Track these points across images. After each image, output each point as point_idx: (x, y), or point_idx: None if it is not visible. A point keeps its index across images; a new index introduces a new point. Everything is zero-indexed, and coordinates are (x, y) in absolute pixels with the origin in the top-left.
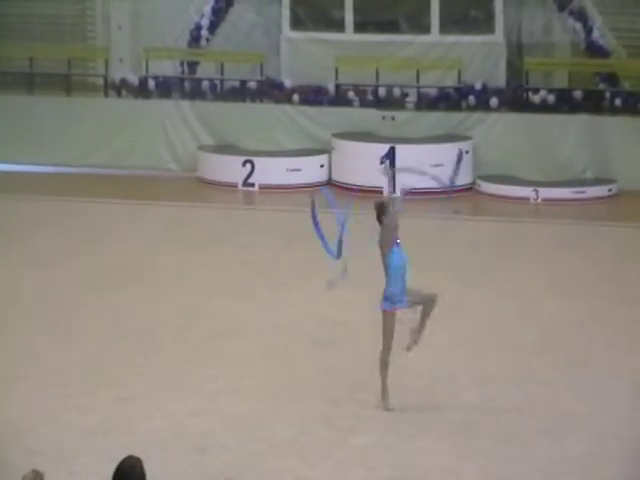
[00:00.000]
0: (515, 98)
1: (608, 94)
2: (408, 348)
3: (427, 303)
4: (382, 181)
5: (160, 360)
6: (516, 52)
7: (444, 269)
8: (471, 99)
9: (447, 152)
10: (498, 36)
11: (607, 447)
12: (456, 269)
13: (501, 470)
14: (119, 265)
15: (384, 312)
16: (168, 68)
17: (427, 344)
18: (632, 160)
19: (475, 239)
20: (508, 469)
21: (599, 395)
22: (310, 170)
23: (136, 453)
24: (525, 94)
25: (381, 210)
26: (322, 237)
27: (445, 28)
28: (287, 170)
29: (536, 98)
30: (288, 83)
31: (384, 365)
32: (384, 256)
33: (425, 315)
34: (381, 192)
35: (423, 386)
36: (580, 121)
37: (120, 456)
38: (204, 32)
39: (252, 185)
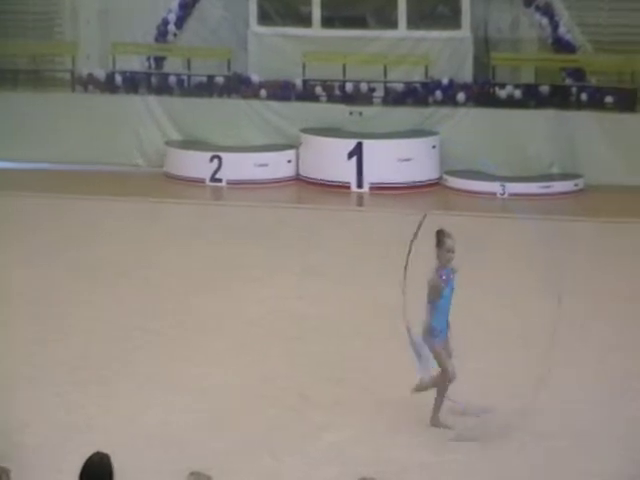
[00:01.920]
0: (482, 93)
1: (575, 89)
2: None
3: (442, 374)
4: (349, 176)
5: (134, 356)
6: (483, 47)
7: (415, 264)
8: (438, 94)
9: (415, 147)
10: (465, 31)
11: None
12: (426, 265)
13: (478, 466)
14: (89, 262)
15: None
16: (135, 63)
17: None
18: (598, 155)
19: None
20: (486, 465)
21: (561, 385)
22: (278, 165)
23: (114, 449)
24: (492, 89)
25: (437, 241)
26: None
27: (412, 23)
28: (255, 165)
29: (503, 93)
30: (255, 78)
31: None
32: (433, 295)
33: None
34: (348, 187)
35: (398, 381)
36: (547, 116)
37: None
38: (171, 27)
39: (220, 181)
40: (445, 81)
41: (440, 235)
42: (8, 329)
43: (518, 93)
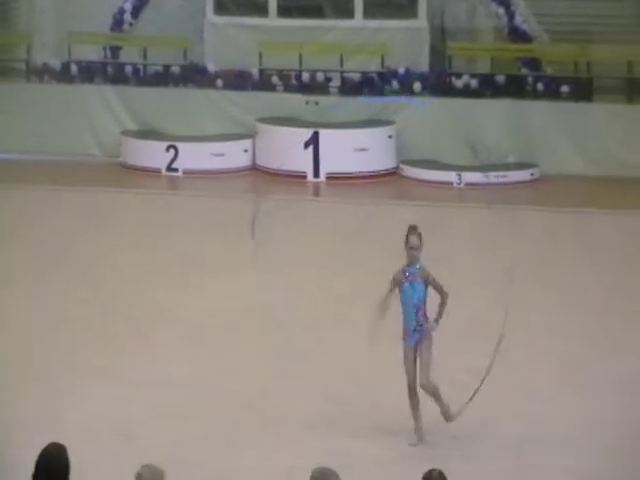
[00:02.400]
0: (438, 83)
1: (531, 79)
2: (449, 418)
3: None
4: (306, 166)
5: (87, 347)
6: (439, 37)
7: (373, 253)
8: (395, 84)
9: (371, 137)
10: (422, 21)
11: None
12: (384, 254)
13: (429, 454)
14: (43, 252)
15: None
16: (91, 53)
17: (349, 331)
18: (554, 144)
19: (399, 224)
20: (436, 452)
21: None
22: (234, 155)
23: (63, 441)
24: (448, 79)
25: (407, 233)
26: None
27: (369, 13)
28: (211, 155)
29: (459, 83)
30: (212, 68)
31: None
32: (391, 287)
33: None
34: (305, 177)
35: (354, 372)
36: (503, 106)
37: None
38: (127, 16)
39: (176, 170)
40: (401, 71)
41: (407, 231)
42: None
43: (474, 83)
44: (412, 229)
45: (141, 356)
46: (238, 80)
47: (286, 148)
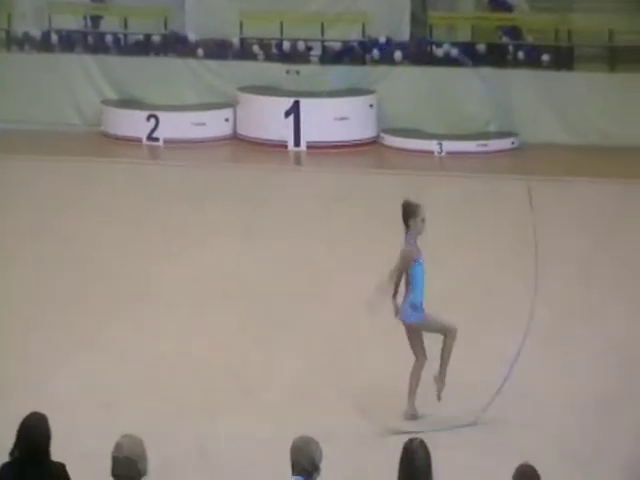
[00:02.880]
0: (419, 52)
1: (511, 47)
2: (438, 397)
3: (447, 334)
4: (286, 135)
5: (68, 318)
6: (420, 6)
7: (353, 222)
8: (375, 53)
9: (352, 106)
10: None
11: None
12: (365, 222)
13: (404, 424)
14: (23, 222)
15: (409, 324)
16: (71, 22)
17: (331, 301)
18: (534, 113)
19: (380, 193)
20: (409, 424)
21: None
22: (215, 124)
23: (44, 411)
24: (429, 48)
25: (409, 212)
26: None
27: None
28: (192, 124)
29: (440, 52)
30: (192, 37)
31: (416, 379)
32: (406, 264)
33: (446, 352)
34: (286, 146)
35: (334, 342)
36: (483, 74)
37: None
38: None
39: (157, 140)
40: (382, 39)
41: (412, 207)
42: None
43: (455, 52)
44: (413, 204)
45: (121, 326)
46: (219, 49)
47: (267, 117)
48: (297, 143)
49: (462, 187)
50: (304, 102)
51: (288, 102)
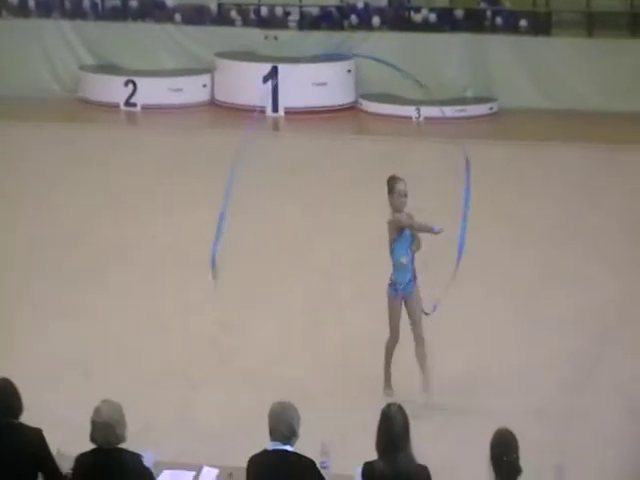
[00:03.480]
0: (397, 17)
1: (489, 13)
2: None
3: (418, 343)
4: (264, 101)
5: (45, 284)
6: None
7: (331, 188)
8: (353, 18)
9: (330, 71)
10: None
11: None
12: (343, 188)
13: (378, 386)
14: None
15: (389, 298)
16: None
17: (309, 265)
18: (513, 78)
19: (358, 158)
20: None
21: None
22: (192, 90)
23: (21, 378)
24: (407, 13)
25: (388, 187)
26: None
27: None
28: (169, 90)
29: (418, 17)
30: (170, 2)
31: (389, 353)
32: (390, 239)
33: (421, 359)
34: (264, 112)
35: (309, 306)
36: (461, 40)
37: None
38: None
39: (134, 105)
40: (360, 5)
41: (391, 182)
42: None
43: (433, 17)
44: (396, 177)
45: (100, 292)
46: (196, 15)
47: (245, 83)
48: (275, 109)
49: (440, 152)
50: (282, 67)
51: (266, 68)
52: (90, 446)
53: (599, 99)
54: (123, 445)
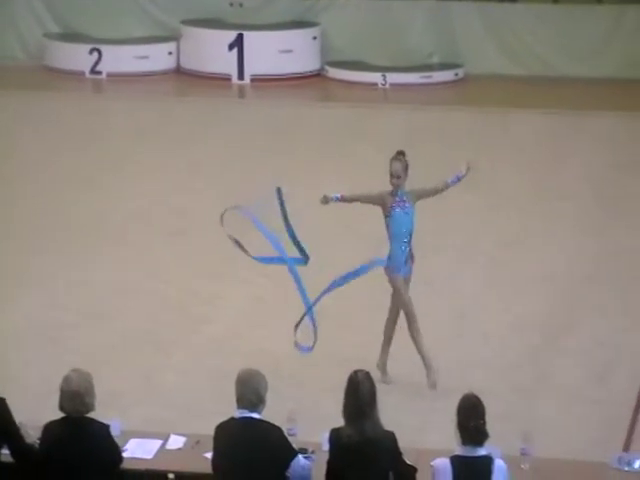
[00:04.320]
0: None
1: None
2: (432, 385)
3: (410, 317)
4: (230, 68)
5: (11, 253)
6: None
7: (298, 155)
8: None
9: (295, 38)
10: None
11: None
12: (309, 155)
13: (349, 353)
14: None
15: (390, 276)
16: None
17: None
18: (478, 44)
19: (324, 125)
20: (355, 353)
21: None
22: (158, 57)
23: None
24: None
25: (390, 160)
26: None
27: None
28: (135, 57)
29: None
30: None
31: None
32: (384, 210)
33: (414, 334)
34: (229, 79)
35: (275, 275)
36: (426, 6)
37: None
38: None
39: (100, 73)
40: None
41: (391, 159)
42: None
43: None
44: (396, 156)
45: (65, 259)
46: None
47: (210, 50)
48: (241, 76)
49: (406, 119)
50: (248, 35)
51: (232, 35)
52: (57, 414)
53: (565, 65)
54: (92, 414)
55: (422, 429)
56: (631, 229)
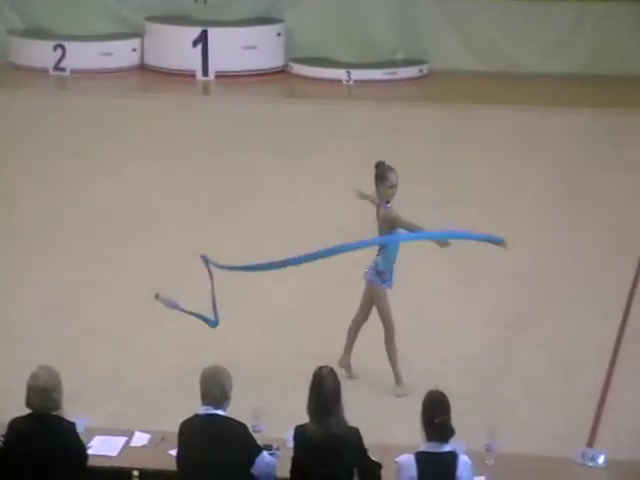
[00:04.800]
0: None
1: None
2: (398, 393)
3: (387, 328)
4: (194, 64)
5: None
6: None
7: (262, 152)
8: None
9: (260, 35)
10: None
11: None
12: (274, 151)
13: (314, 349)
14: None
15: (376, 287)
16: None
17: (244, 227)
18: (442, 40)
19: (288, 121)
20: (319, 349)
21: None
22: (122, 54)
23: None
24: None
25: (376, 175)
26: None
27: None
28: (99, 54)
29: None
30: None
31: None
32: (391, 226)
33: (390, 347)
34: (194, 75)
35: (240, 273)
36: (391, 2)
37: None
38: None
39: (64, 70)
40: None
41: (382, 169)
42: None
43: None
44: (387, 166)
45: (29, 255)
46: None
47: (175, 47)
48: (205, 72)
49: (370, 115)
50: (212, 31)
51: (196, 31)
52: (21, 412)
53: (529, 60)
54: (59, 412)
55: (387, 425)
56: (596, 224)
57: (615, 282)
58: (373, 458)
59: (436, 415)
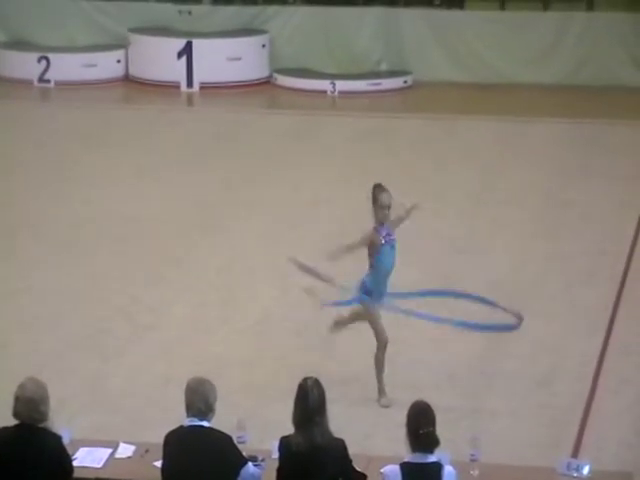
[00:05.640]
0: None
1: None
2: (383, 403)
3: (379, 342)
4: (179, 76)
5: None
6: None
7: (246, 163)
8: None
9: (244, 46)
10: None
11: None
12: (259, 162)
13: (298, 360)
14: None
15: (365, 304)
16: None
17: (225, 238)
18: (426, 51)
19: (273, 132)
20: (304, 359)
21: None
22: (106, 65)
23: None
24: None
25: (372, 196)
26: None
27: None
28: (83, 66)
29: None
30: None
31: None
32: (362, 243)
33: (378, 363)
34: (178, 87)
35: (223, 281)
36: (375, 13)
37: None
38: None
39: (48, 82)
40: None
41: (375, 191)
42: None
43: None
44: (382, 187)
45: (10, 265)
46: None
47: (159, 58)
48: (190, 84)
49: (354, 126)
50: (196, 42)
51: (180, 43)
52: (4, 420)
53: (512, 71)
54: (46, 424)
55: (372, 435)
56: (577, 234)
57: (600, 292)
58: (358, 469)
59: (421, 426)
